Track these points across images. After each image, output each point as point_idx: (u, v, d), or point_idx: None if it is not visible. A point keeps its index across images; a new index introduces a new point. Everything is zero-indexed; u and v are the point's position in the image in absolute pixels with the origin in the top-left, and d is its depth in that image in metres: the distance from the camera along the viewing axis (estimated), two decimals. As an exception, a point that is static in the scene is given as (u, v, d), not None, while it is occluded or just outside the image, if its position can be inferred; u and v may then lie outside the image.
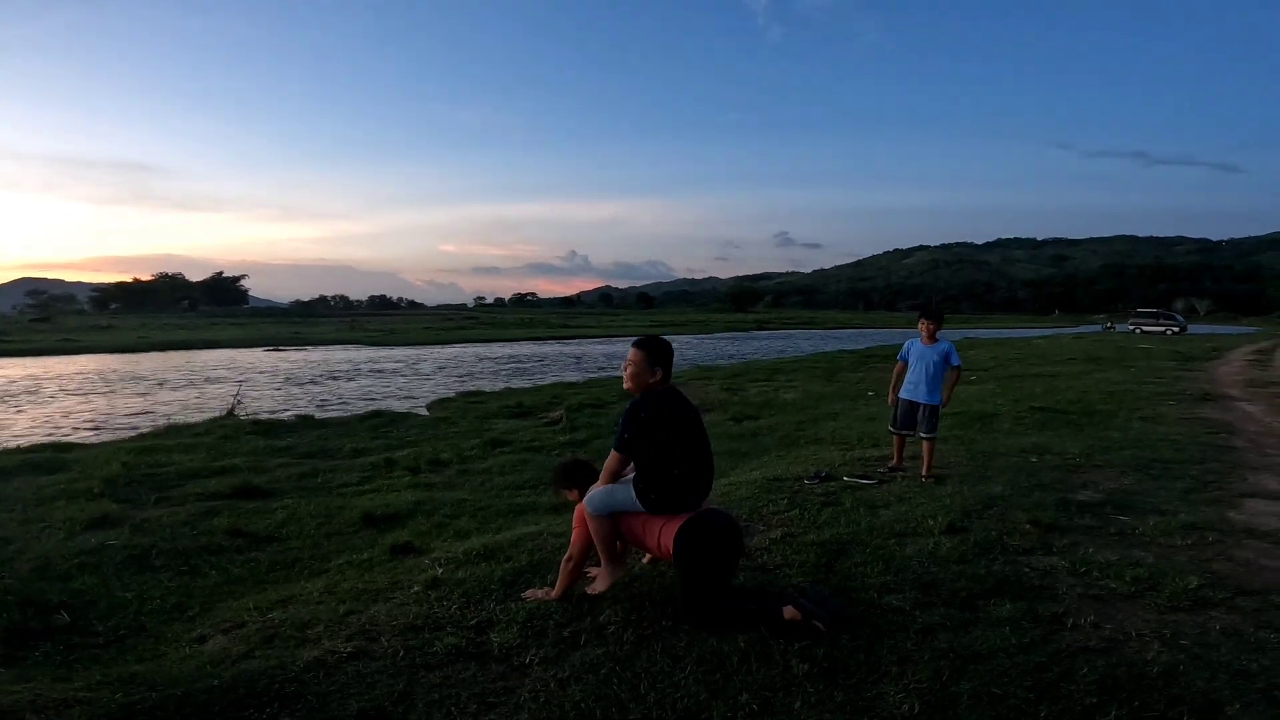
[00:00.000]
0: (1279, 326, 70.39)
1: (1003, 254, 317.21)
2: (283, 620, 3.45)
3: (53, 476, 7.57)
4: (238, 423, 11.62)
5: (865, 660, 2.85)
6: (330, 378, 22.50)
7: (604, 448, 9.39)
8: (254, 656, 2.99)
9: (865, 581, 3.70)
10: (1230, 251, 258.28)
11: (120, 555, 5.00)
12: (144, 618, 4.03)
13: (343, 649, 2.96)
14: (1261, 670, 2.81)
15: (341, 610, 3.51)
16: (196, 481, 7.40)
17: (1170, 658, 2.88)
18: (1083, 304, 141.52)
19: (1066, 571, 3.87)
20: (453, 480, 7.69)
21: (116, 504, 6.33)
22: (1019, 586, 3.63)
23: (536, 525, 5.13)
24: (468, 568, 4.00)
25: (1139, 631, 3.13)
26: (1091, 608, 3.37)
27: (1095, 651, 2.94)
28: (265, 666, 2.80)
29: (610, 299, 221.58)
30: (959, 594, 3.52)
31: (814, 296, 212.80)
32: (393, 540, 5.14)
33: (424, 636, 3.09)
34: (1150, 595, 3.54)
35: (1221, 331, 52.36)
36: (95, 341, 37.81)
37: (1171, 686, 2.67)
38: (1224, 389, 13.62)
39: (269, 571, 4.85)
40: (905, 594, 3.52)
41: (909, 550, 4.16)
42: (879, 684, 2.69)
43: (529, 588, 3.65)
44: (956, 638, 3.04)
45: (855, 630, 3.09)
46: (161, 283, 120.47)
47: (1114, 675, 2.73)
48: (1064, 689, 2.64)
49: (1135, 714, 2.50)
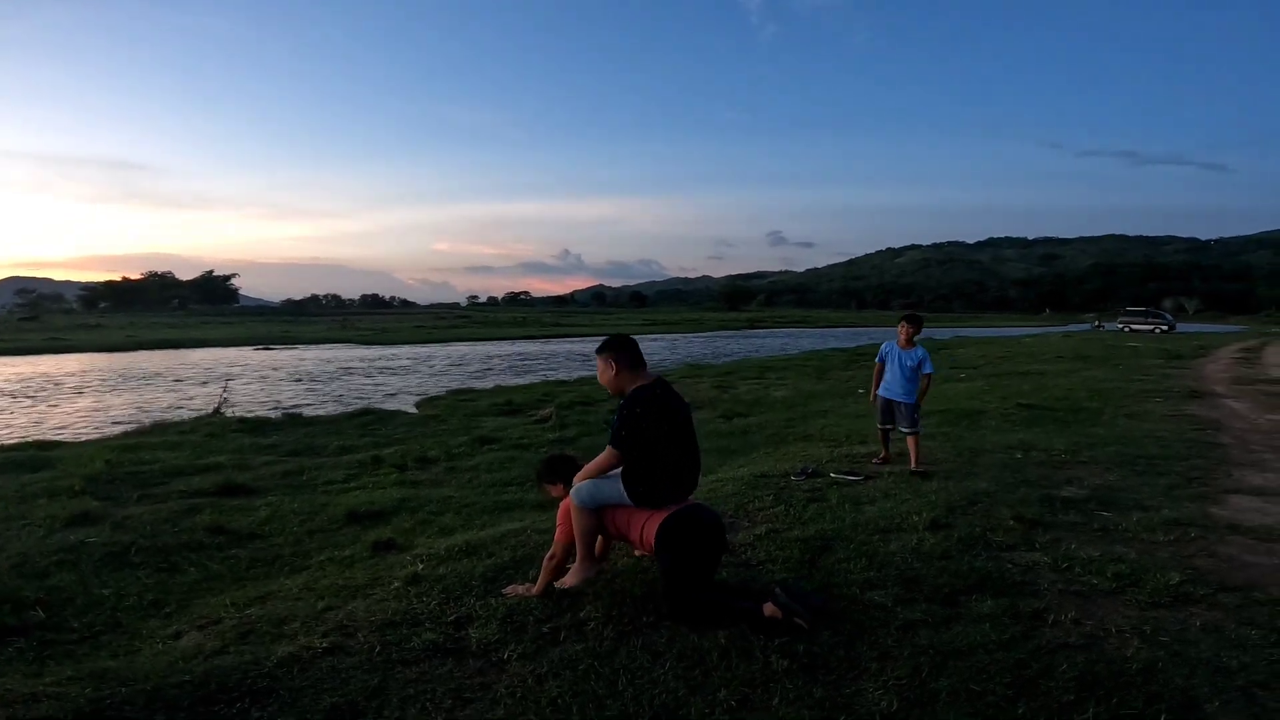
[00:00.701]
0: (1267, 325, 70.84)
1: (994, 253, 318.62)
2: (259, 616, 3.42)
3: (35, 474, 7.51)
4: (224, 421, 11.54)
5: (845, 656, 2.84)
6: (319, 376, 22.41)
7: (592, 445, 9.37)
8: (228, 652, 2.96)
9: (848, 577, 3.68)
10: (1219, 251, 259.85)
11: (99, 552, 4.95)
12: (120, 614, 3.99)
13: (318, 645, 2.93)
14: (1241, 667, 2.81)
15: (319, 606, 3.48)
16: (180, 479, 7.35)
17: (1150, 654, 2.88)
18: (1073, 303, 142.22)
19: (1049, 567, 3.87)
20: (439, 478, 7.65)
21: (98, 501, 6.27)
22: (1001, 583, 3.62)
23: (521, 522, 5.11)
24: (449, 564, 3.98)
25: (1119, 628, 3.13)
26: (1072, 604, 3.37)
27: (1075, 648, 2.94)
28: (238, 662, 2.77)
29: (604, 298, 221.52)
30: (941, 590, 3.51)
31: (807, 295, 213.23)
32: (375, 537, 5.11)
33: (401, 632, 3.07)
34: (1132, 591, 3.54)
35: (1210, 330, 52.72)
36: (83, 340, 37.59)
37: (1150, 683, 2.66)
38: (1211, 386, 13.69)
39: (249, 568, 4.81)
40: (888, 590, 3.52)
41: (893, 546, 4.15)
42: (858, 680, 2.68)
43: (510, 583, 3.64)
44: (937, 634, 3.03)
45: (837, 626, 3.08)
46: (150, 281, 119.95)
47: (1093, 672, 2.73)
48: (1042, 686, 2.64)
49: (1113, 711, 2.49)
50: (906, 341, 6.41)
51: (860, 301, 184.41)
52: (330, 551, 5.02)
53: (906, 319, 6.50)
